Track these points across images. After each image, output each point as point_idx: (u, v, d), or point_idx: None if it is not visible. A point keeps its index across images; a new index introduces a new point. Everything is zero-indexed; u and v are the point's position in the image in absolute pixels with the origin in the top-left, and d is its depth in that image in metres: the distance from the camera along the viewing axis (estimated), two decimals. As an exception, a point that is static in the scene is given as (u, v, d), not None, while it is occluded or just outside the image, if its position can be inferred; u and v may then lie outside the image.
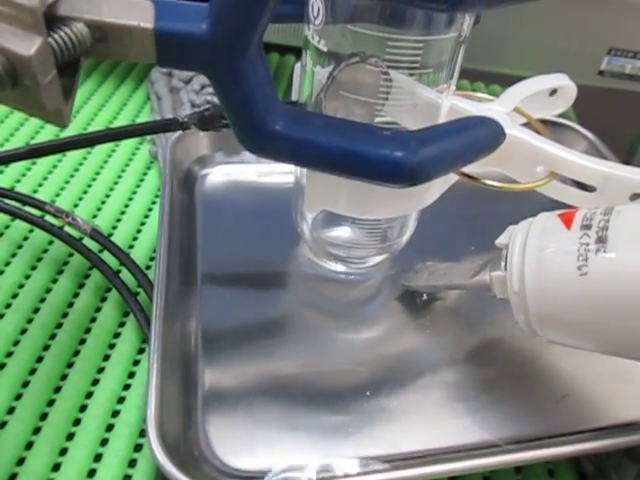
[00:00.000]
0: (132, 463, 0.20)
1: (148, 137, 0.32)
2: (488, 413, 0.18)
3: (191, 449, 0.15)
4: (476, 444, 0.17)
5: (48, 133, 0.33)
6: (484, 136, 0.16)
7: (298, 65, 0.19)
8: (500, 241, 0.18)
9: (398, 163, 0.14)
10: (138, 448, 0.20)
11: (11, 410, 0.21)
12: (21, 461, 0.20)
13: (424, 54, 0.17)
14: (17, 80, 0.11)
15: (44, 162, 0.32)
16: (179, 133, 0.24)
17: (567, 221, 0.16)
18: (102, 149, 0.32)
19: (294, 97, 0.20)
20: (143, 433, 0.21)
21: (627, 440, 0.17)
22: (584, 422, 0.19)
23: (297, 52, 0.18)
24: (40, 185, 0.30)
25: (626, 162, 0.37)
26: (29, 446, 0.20)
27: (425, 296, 0.22)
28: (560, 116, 0.28)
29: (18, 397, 0.21)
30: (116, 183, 0.31)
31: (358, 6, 0.15)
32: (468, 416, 0.18)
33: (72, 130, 0.33)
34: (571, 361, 0.20)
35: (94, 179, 0.31)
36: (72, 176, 0.31)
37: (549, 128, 0.28)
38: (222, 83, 0.14)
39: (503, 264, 0.18)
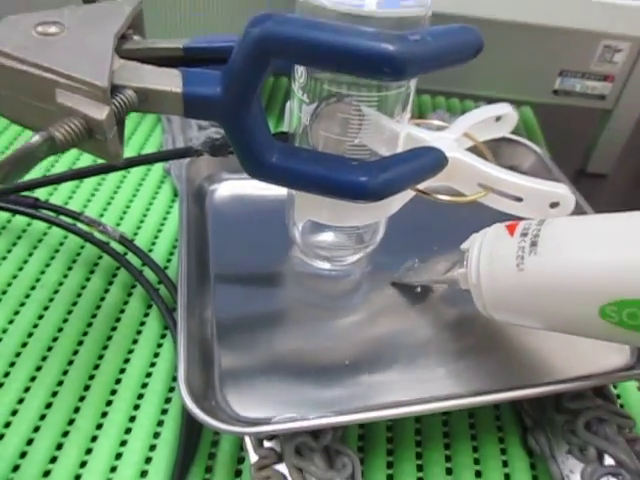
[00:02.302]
0: (160, 423, 0.25)
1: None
2: (462, 374, 0.23)
3: (210, 402, 0.20)
4: (444, 395, 0.22)
5: (86, 159, 0.38)
6: (429, 162, 0.21)
7: (288, 104, 0.24)
8: (464, 246, 0.23)
9: (364, 185, 0.19)
10: (164, 412, 0.25)
11: (60, 382, 0.26)
12: (71, 421, 0.25)
13: (381, 99, 0.22)
14: (92, 135, 0.16)
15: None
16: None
17: (511, 230, 0.21)
18: (122, 165, 0.37)
19: (285, 128, 0.25)
20: (168, 400, 0.26)
21: (543, 390, 0.22)
22: (532, 379, 0.23)
23: (289, 75, 0.23)
24: (70, 198, 0.35)
25: (581, 169, 0.42)
26: (76, 410, 0.25)
27: (419, 288, 0.27)
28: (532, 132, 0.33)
29: (65, 372, 0.26)
30: (135, 195, 0.36)
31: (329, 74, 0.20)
32: (444, 377, 0.23)
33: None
34: (527, 334, 0.25)
35: (116, 192, 0.36)
36: (97, 190, 0.36)
37: (505, 144, 0.33)
38: (231, 130, 0.19)
39: (465, 263, 0.23)
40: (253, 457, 0.22)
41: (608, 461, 0.22)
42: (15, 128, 0.39)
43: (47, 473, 0.23)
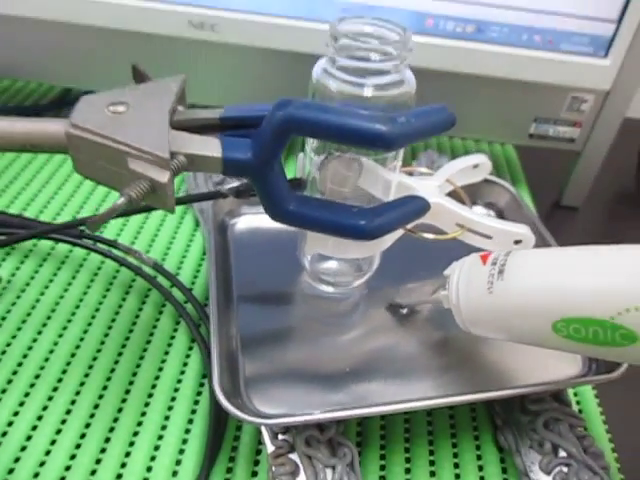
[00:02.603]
0: (190, 421, 0.30)
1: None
2: (443, 379, 0.28)
3: (237, 400, 0.25)
4: (428, 396, 0.27)
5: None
6: (415, 209, 0.26)
7: (301, 155, 0.29)
8: (446, 272, 0.28)
9: (363, 228, 0.24)
10: (193, 412, 0.30)
11: (105, 387, 0.31)
12: (116, 419, 0.30)
13: (377, 153, 0.27)
14: (155, 192, 0.21)
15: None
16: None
17: (484, 259, 0.26)
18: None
19: (298, 175, 0.30)
20: (196, 402, 0.30)
21: (510, 393, 0.27)
22: (502, 384, 0.28)
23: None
24: (105, 227, 0.40)
25: (556, 202, 0.47)
26: (120, 410, 0.30)
27: (406, 309, 0.32)
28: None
29: (108, 379, 0.31)
30: (161, 225, 0.41)
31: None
32: (428, 382, 0.28)
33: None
34: (499, 347, 0.30)
35: (144, 222, 0.41)
36: (127, 220, 0.41)
37: (485, 185, 0.38)
38: (259, 185, 0.24)
39: (447, 287, 0.27)
40: (270, 447, 0.26)
41: (561, 454, 0.27)
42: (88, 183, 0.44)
43: (98, 461, 0.28)
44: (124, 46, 0.43)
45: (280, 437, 0.26)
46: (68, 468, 0.28)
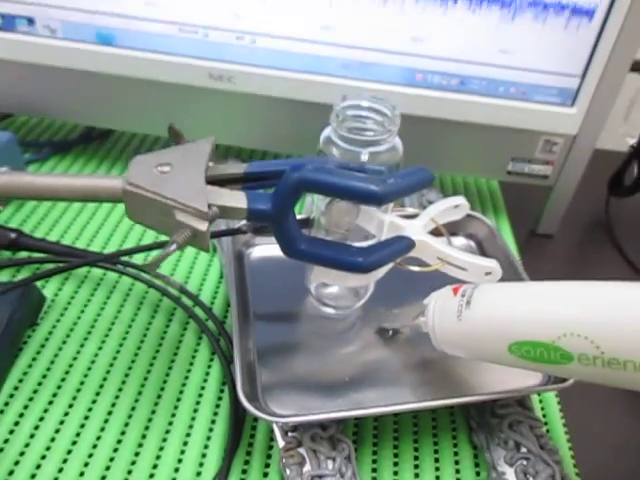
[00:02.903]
0: (213, 422, 0.35)
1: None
2: (426, 390, 0.34)
3: (255, 403, 0.31)
4: (412, 401, 0.33)
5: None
6: (402, 247, 0.32)
7: (309, 199, 0.35)
8: (425, 301, 0.33)
9: (360, 264, 0.30)
10: (215, 414, 0.36)
11: (140, 392, 0.36)
12: (150, 419, 0.35)
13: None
14: (195, 238, 0.27)
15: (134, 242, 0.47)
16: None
17: (455, 291, 0.32)
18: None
19: (306, 215, 0.36)
20: (217, 405, 0.36)
21: (481, 398, 0.33)
22: (474, 392, 0.34)
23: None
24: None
25: (532, 230, 0.53)
26: (153, 412, 0.35)
27: (390, 332, 0.38)
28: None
29: (142, 385, 0.37)
30: (183, 251, 0.46)
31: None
32: (414, 390, 0.33)
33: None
34: (472, 362, 0.35)
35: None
36: (157, 238, 0.47)
37: (467, 219, 0.44)
38: (276, 229, 0.29)
39: (426, 314, 0.33)
40: (281, 443, 0.32)
41: (522, 450, 0.33)
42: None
43: (137, 454, 0.33)
44: (147, 92, 0.49)
45: (289, 434, 0.32)
46: (112, 459, 0.33)
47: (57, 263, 0.42)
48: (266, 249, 0.41)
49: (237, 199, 0.29)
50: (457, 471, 0.34)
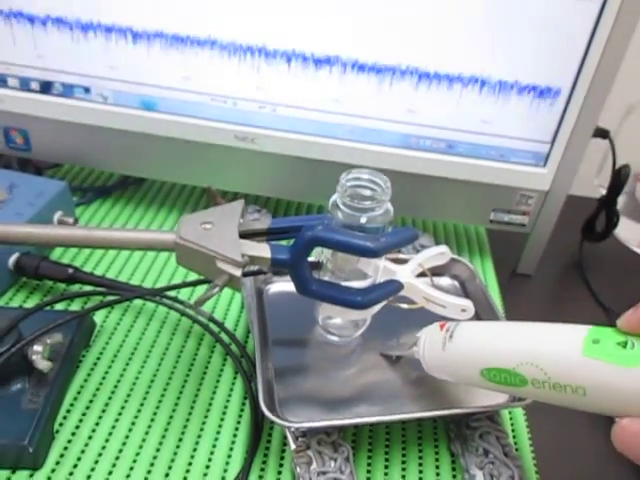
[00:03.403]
0: (236, 429, 0.43)
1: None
2: (414, 406, 0.41)
3: (273, 412, 0.38)
4: (401, 412, 0.40)
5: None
6: (393, 288, 0.39)
7: (319, 248, 0.43)
8: (417, 334, 0.41)
9: (360, 302, 0.38)
10: (238, 422, 0.43)
11: (176, 404, 0.44)
12: (185, 426, 0.43)
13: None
14: (231, 281, 0.35)
15: (167, 276, 0.56)
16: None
17: (441, 327, 0.39)
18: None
19: (316, 259, 0.43)
20: (240, 416, 0.44)
21: (455, 412, 0.40)
22: (454, 407, 0.41)
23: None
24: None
25: (514, 270, 0.61)
26: (187, 420, 0.43)
27: (394, 357, 0.45)
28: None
29: (178, 398, 0.44)
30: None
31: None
32: (404, 405, 0.41)
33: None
34: (453, 384, 0.43)
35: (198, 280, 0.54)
36: (185, 279, 0.55)
37: (453, 262, 0.52)
38: (293, 274, 0.37)
39: (418, 344, 0.40)
40: (293, 446, 0.39)
41: (490, 456, 0.40)
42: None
43: (175, 453, 0.41)
44: (180, 148, 0.57)
45: (300, 439, 0.39)
46: (155, 457, 0.41)
47: (104, 295, 0.50)
48: (282, 286, 0.49)
49: (263, 250, 0.37)
50: (437, 474, 0.41)
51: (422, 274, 0.44)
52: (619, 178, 0.60)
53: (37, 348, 0.40)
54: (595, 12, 0.46)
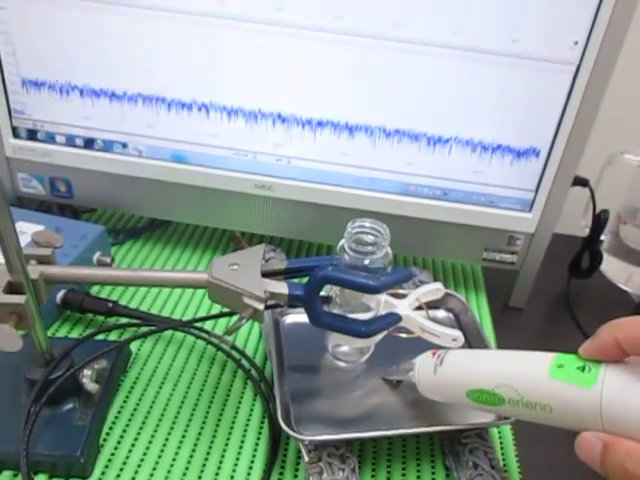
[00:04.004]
0: (257, 443, 0.49)
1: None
2: (413, 423, 0.47)
3: (290, 428, 0.44)
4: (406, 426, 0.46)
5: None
6: (392, 320, 0.46)
7: (328, 286, 0.49)
8: (413, 361, 0.47)
9: (364, 332, 0.44)
10: (259, 437, 0.49)
11: (204, 421, 0.50)
12: (212, 441, 0.49)
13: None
14: (255, 314, 0.42)
15: (193, 308, 0.62)
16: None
17: (433, 354, 0.46)
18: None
19: (326, 293, 0.50)
20: (260, 431, 0.50)
21: (445, 429, 0.46)
22: (447, 424, 0.47)
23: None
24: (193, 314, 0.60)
25: (506, 303, 0.67)
26: (214, 435, 0.49)
27: (395, 382, 0.51)
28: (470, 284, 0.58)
29: (205, 417, 0.51)
30: (232, 317, 0.61)
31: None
32: (404, 422, 0.47)
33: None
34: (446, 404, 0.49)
35: (221, 311, 0.61)
36: (210, 310, 0.61)
37: (448, 296, 0.58)
38: (306, 308, 0.44)
39: (414, 369, 0.47)
40: (306, 458, 0.45)
41: (479, 469, 0.46)
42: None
43: (204, 465, 0.47)
44: (205, 195, 0.64)
45: (312, 452, 0.45)
46: (187, 469, 0.47)
47: (138, 326, 0.57)
48: (296, 317, 0.56)
49: (281, 287, 0.43)
50: (433, 485, 0.47)
51: (419, 307, 0.50)
52: (599, 222, 0.67)
53: (87, 372, 0.47)
54: (568, 82, 0.53)
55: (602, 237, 0.73)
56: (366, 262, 0.44)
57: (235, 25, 0.54)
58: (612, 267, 0.75)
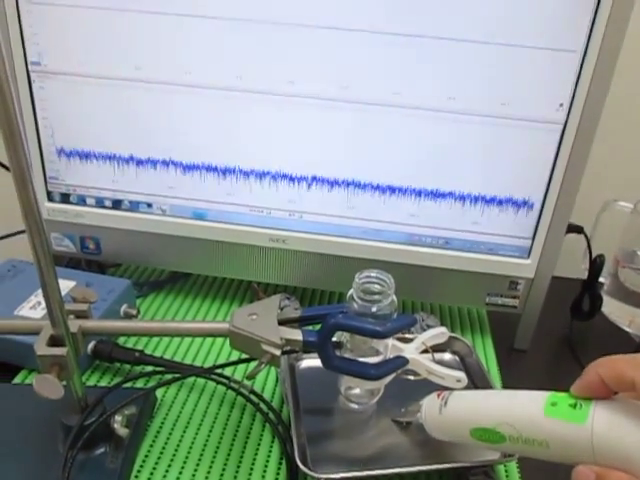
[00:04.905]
0: (277, 479, 0.52)
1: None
2: (424, 461, 0.50)
3: (306, 466, 0.48)
4: (410, 465, 0.49)
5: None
6: (400, 363, 0.49)
7: (339, 332, 0.53)
8: (421, 402, 0.50)
9: (374, 374, 0.48)
10: (278, 474, 0.52)
11: (226, 460, 0.53)
12: (235, 478, 0.52)
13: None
14: (273, 360, 0.45)
15: (213, 355, 0.66)
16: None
17: (438, 395, 0.49)
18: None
19: (337, 339, 0.54)
20: (278, 471, 0.53)
21: (454, 466, 0.49)
22: (455, 461, 0.50)
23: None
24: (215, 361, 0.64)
25: (511, 345, 0.70)
26: (236, 474, 0.52)
27: (404, 423, 0.54)
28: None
29: (228, 455, 0.54)
30: (250, 363, 0.65)
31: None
32: (415, 460, 0.50)
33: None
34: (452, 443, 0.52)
35: (239, 357, 0.65)
36: (230, 354, 0.65)
37: (454, 339, 0.61)
38: (319, 353, 0.48)
39: (421, 410, 0.50)
40: (323, 495, 0.49)
41: (486, 501, 0.49)
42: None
43: (227, 504, 0.50)
44: (222, 248, 0.69)
45: (328, 489, 0.49)
46: (210, 507, 0.50)
47: (162, 374, 0.61)
48: (310, 362, 0.59)
49: (296, 334, 0.47)
50: (443, 519, 0.50)
51: (425, 350, 0.54)
52: (596, 266, 0.71)
53: (118, 418, 0.51)
54: (556, 140, 0.58)
55: (602, 279, 0.76)
56: (373, 309, 0.48)
57: (251, 97, 0.60)
58: (614, 309, 0.78)
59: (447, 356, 0.62)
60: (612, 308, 0.78)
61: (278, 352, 0.45)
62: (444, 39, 0.55)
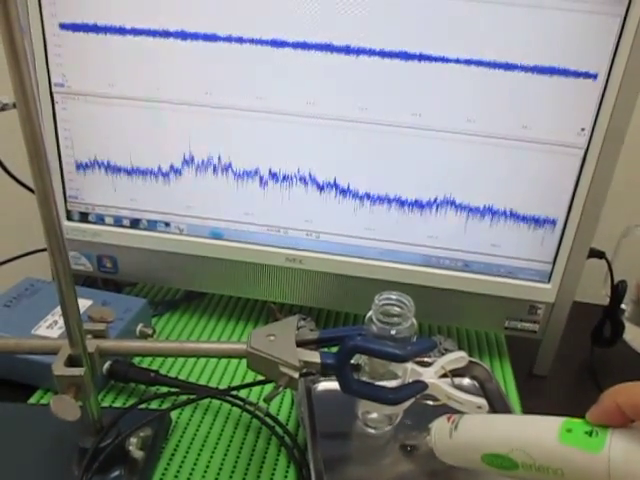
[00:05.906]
0: (291, 509, 0.51)
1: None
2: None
3: (324, 493, 0.47)
4: None
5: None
6: (419, 388, 0.48)
7: (358, 355, 0.53)
8: (430, 425, 0.50)
9: (393, 399, 0.47)
10: (293, 504, 0.51)
11: (246, 474, 0.53)
12: (249, 507, 0.51)
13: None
14: (290, 382, 0.45)
15: (228, 377, 0.66)
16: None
17: (449, 419, 0.48)
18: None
19: (356, 362, 0.53)
20: (294, 498, 0.52)
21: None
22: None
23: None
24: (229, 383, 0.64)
25: (530, 371, 0.69)
26: (251, 502, 0.52)
27: (409, 448, 0.53)
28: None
29: (246, 471, 0.53)
30: (265, 386, 0.64)
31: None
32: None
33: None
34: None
35: (255, 377, 0.64)
36: (244, 379, 0.64)
37: (472, 364, 0.60)
38: (337, 376, 0.47)
39: (431, 434, 0.49)
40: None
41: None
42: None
43: (242, 529, 0.49)
44: (239, 268, 0.69)
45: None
46: (225, 533, 0.49)
47: (177, 395, 0.60)
48: (327, 385, 0.58)
49: (314, 356, 0.47)
50: None
51: (444, 375, 0.53)
52: (618, 292, 0.70)
53: (133, 440, 0.50)
54: (577, 164, 0.58)
55: (623, 306, 0.75)
56: (393, 332, 0.48)
57: (271, 117, 0.60)
58: (636, 336, 0.76)
59: (466, 381, 0.61)
60: (634, 335, 0.76)
61: (296, 374, 0.45)
62: (465, 63, 0.55)
